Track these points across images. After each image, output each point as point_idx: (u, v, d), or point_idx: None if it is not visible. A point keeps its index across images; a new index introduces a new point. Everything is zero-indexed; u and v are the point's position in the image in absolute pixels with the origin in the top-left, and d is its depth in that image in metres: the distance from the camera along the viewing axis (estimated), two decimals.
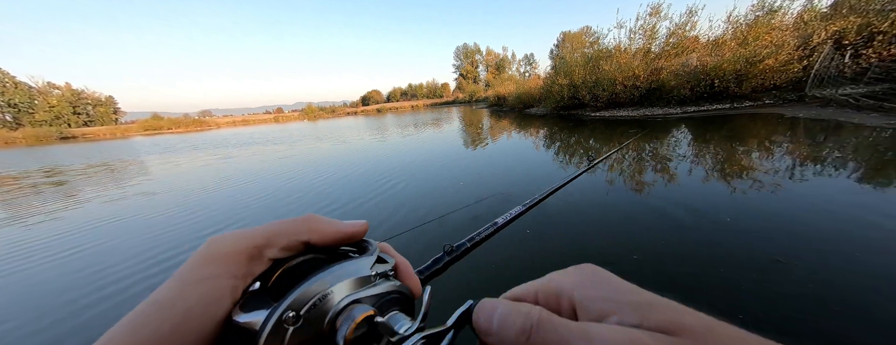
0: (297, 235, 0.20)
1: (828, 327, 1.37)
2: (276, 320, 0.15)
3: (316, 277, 0.17)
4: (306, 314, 0.16)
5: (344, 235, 0.21)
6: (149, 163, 10.02)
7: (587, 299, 0.16)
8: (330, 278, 0.17)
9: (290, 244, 0.19)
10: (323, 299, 0.17)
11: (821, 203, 2.53)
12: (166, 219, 3.83)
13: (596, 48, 14.06)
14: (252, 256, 0.18)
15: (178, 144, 18.08)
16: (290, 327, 0.16)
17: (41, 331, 1.88)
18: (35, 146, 29.31)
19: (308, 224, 0.20)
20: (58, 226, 3.94)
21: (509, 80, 32.99)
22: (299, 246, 0.20)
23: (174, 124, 56.24)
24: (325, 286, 0.17)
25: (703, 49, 11.48)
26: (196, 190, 5.28)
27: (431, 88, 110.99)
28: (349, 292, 0.18)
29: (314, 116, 69.06)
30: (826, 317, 1.42)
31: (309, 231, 0.20)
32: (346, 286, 0.18)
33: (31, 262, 2.88)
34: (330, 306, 0.17)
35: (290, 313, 0.16)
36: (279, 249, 0.19)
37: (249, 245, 0.18)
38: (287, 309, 0.16)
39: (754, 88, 9.72)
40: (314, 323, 0.16)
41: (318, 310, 0.17)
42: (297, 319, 0.16)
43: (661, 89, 11.45)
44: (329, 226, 0.20)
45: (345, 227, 0.21)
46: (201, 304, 0.16)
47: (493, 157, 5.97)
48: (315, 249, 0.20)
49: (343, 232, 0.21)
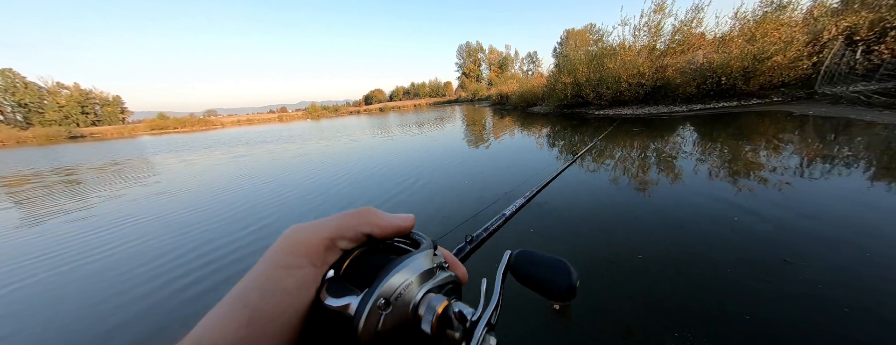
0: (361, 228, 0.21)
1: (838, 327, 1.34)
2: (371, 306, 0.17)
3: (396, 269, 0.19)
4: (394, 302, 0.18)
5: (398, 228, 0.23)
6: (167, 162, 10.08)
7: None
8: (407, 269, 0.19)
9: (356, 236, 0.21)
10: (406, 289, 0.19)
11: (830, 202, 2.48)
12: (200, 216, 3.87)
13: (600, 46, 13.92)
14: (327, 247, 0.20)
15: (190, 143, 18.19)
16: (383, 312, 0.17)
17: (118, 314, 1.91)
18: (46, 145, 29.79)
19: (369, 217, 0.22)
20: (99, 221, 4.01)
21: (512, 79, 32.80)
22: (363, 238, 0.22)
23: (180, 124, 56.85)
24: (407, 277, 0.19)
25: (709, 46, 11.30)
26: (223, 188, 5.31)
27: (434, 86, 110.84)
28: (423, 282, 0.20)
29: (318, 115, 69.37)
30: (836, 318, 1.39)
31: (371, 224, 0.22)
32: (420, 278, 0.20)
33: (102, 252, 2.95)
34: (411, 295, 0.19)
35: (382, 301, 0.17)
36: (348, 240, 0.21)
37: (325, 236, 0.20)
38: (379, 296, 0.17)
39: (762, 86, 9.55)
40: (401, 309, 0.18)
41: (403, 299, 0.19)
42: (388, 305, 0.18)
43: (666, 87, 11.30)
44: (386, 219, 0.23)
45: (399, 220, 0.23)
46: (295, 288, 0.18)
47: (497, 155, 5.95)
48: (373, 241, 0.23)
49: (398, 225, 0.23)
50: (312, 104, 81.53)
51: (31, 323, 1.96)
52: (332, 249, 0.20)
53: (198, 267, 2.49)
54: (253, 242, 2.92)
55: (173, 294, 2.14)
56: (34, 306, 2.14)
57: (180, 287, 2.22)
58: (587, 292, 1.72)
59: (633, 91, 11.68)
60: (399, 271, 0.19)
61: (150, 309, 1.99)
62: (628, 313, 1.55)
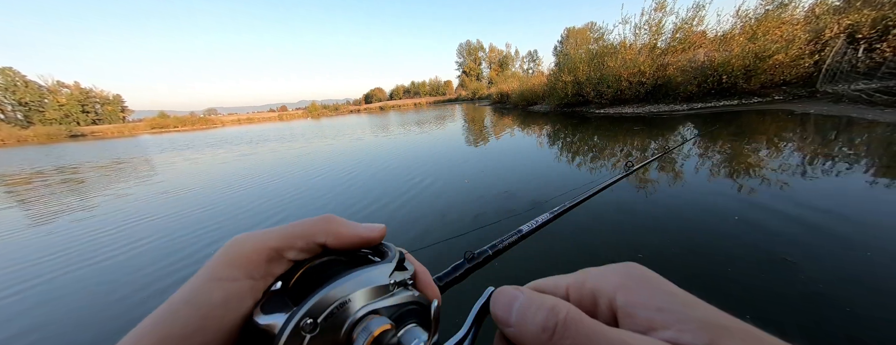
0: (314, 237, 0.19)
1: (839, 327, 1.34)
2: (293, 327, 0.15)
3: (335, 283, 0.17)
4: (324, 322, 0.16)
5: (361, 240, 0.21)
6: (172, 160, 10.07)
7: (634, 305, 0.14)
8: (349, 284, 0.17)
9: (307, 246, 0.19)
10: (341, 308, 0.16)
11: (832, 202, 2.48)
12: (209, 214, 3.87)
13: (601, 44, 13.89)
14: (271, 258, 0.18)
15: (193, 141, 18.18)
16: (307, 334, 0.15)
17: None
18: (47, 144, 29.84)
19: (327, 225, 0.20)
20: (113, 219, 4.02)
21: (513, 78, 32.73)
22: (317, 248, 0.20)
23: (180, 123, 56.89)
24: (345, 293, 0.17)
25: (710, 44, 11.27)
26: (231, 186, 5.29)
27: (434, 85, 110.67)
28: (367, 301, 0.18)
29: (318, 114, 69.36)
30: (836, 317, 1.39)
31: (326, 233, 0.20)
32: (365, 295, 0.18)
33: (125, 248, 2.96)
34: (348, 314, 0.17)
35: (308, 320, 0.15)
36: (297, 251, 0.19)
37: (268, 247, 0.18)
38: (305, 316, 0.15)
39: (763, 84, 9.52)
40: (332, 331, 0.16)
41: (336, 318, 0.16)
42: (315, 327, 0.15)
43: (667, 86, 11.27)
44: (347, 229, 0.20)
45: (362, 231, 0.21)
46: (224, 303, 0.16)
47: (500, 155, 5.95)
48: (336, 252, 0.20)
49: (360, 236, 0.21)
50: (313, 103, 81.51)
51: (62, 315, 1.98)
52: (277, 260, 0.18)
53: (197, 262, 2.50)
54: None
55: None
56: (65, 300, 2.15)
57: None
58: None
59: (633, 90, 11.65)
60: (336, 285, 0.17)
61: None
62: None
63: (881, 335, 1.29)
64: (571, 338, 0.13)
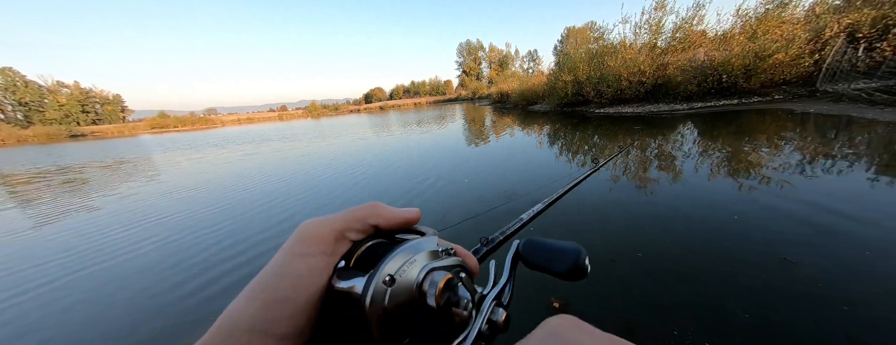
0: (368, 219, 0.23)
1: (837, 327, 1.34)
2: (376, 282, 0.18)
3: (398, 250, 0.21)
4: (399, 278, 0.19)
5: (405, 220, 0.25)
6: (176, 160, 10.05)
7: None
8: (411, 250, 0.21)
9: (364, 227, 0.23)
10: (410, 266, 0.20)
11: (831, 201, 2.48)
12: (221, 213, 3.87)
13: (601, 44, 13.88)
14: (337, 239, 0.22)
15: (195, 141, 18.12)
16: (388, 288, 0.18)
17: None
18: (47, 144, 29.81)
19: (376, 210, 0.24)
20: (122, 219, 4.03)
21: (513, 77, 32.70)
22: (371, 229, 0.23)
23: (181, 122, 56.87)
24: (409, 256, 0.21)
25: (710, 44, 11.25)
26: (239, 186, 5.28)
27: (434, 85, 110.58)
28: (427, 261, 0.21)
29: (318, 113, 69.32)
30: (835, 317, 1.39)
31: (377, 216, 0.24)
32: (424, 257, 0.21)
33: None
34: (415, 272, 0.20)
35: (387, 277, 0.19)
36: (356, 231, 0.23)
37: (335, 229, 0.22)
38: (384, 274, 0.19)
39: (763, 83, 9.52)
40: (406, 285, 0.20)
41: (407, 275, 0.20)
42: (393, 281, 0.19)
43: (667, 85, 11.27)
44: (393, 212, 0.24)
45: (405, 213, 0.25)
46: (306, 273, 0.19)
47: (503, 154, 5.96)
48: (381, 233, 0.24)
49: (404, 217, 0.25)
50: (313, 103, 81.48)
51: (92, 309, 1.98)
52: (341, 240, 0.22)
53: (226, 259, 2.51)
54: (275, 236, 2.96)
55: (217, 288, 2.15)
56: (88, 296, 2.16)
57: (214, 277, 2.23)
58: (587, 290, 1.72)
59: (633, 89, 11.65)
60: (401, 251, 0.20)
61: (197, 300, 2.01)
62: (629, 311, 1.55)
63: (880, 335, 1.29)
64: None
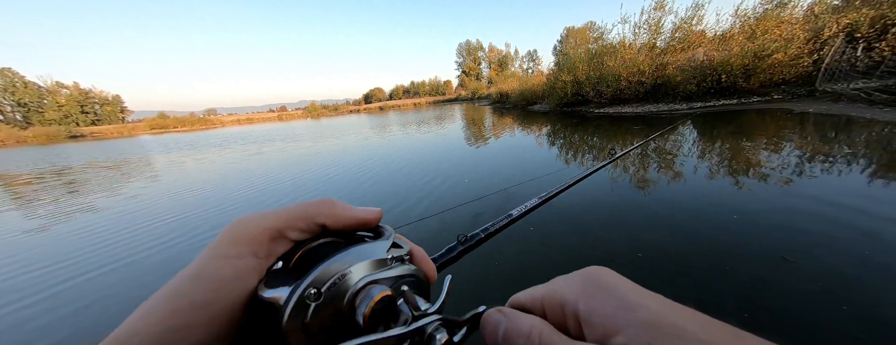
0: (314, 218, 0.20)
1: (836, 326, 1.35)
2: (299, 296, 0.16)
3: (335, 257, 0.18)
4: (327, 291, 0.17)
5: (359, 221, 0.21)
6: (181, 160, 9.95)
7: (592, 313, 0.15)
8: (349, 258, 0.18)
9: (307, 227, 0.20)
10: (342, 278, 0.17)
11: (830, 201, 2.48)
12: (227, 213, 3.87)
13: (600, 44, 13.90)
14: (273, 238, 0.19)
15: (196, 141, 18.06)
16: (312, 303, 0.16)
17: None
18: (47, 145, 29.78)
19: (326, 207, 0.21)
20: (134, 219, 4.02)
21: (512, 77, 32.74)
22: (316, 229, 0.20)
23: (180, 123, 56.89)
24: (345, 266, 0.18)
25: (709, 43, 11.28)
26: (248, 186, 5.26)
27: (434, 85, 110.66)
28: (367, 272, 0.19)
29: (318, 114, 69.36)
30: (834, 317, 1.40)
31: (326, 215, 0.20)
32: (365, 267, 0.19)
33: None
34: (349, 285, 0.18)
35: (312, 290, 0.16)
36: (299, 231, 0.20)
37: (271, 227, 0.19)
38: (309, 286, 0.16)
39: (763, 83, 9.54)
40: (334, 300, 0.17)
41: (338, 288, 0.17)
42: (319, 295, 0.17)
43: (666, 85, 11.29)
44: (345, 211, 0.21)
45: (360, 213, 0.22)
46: (231, 279, 0.17)
47: (501, 153, 5.96)
48: (333, 232, 0.21)
49: (358, 218, 0.21)
50: (312, 103, 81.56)
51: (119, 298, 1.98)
52: (279, 239, 0.19)
53: None
54: None
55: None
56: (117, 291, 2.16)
57: None
58: None
59: (633, 89, 11.67)
60: (338, 259, 0.18)
61: None
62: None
63: (878, 333, 1.29)
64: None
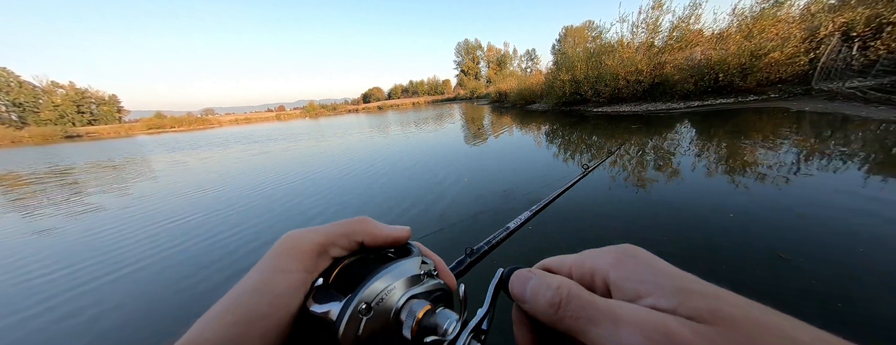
0: (354, 236, 0.22)
1: (830, 323, 1.37)
2: (352, 311, 0.17)
3: (379, 275, 0.19)
4: (375, 306, 0.18)
5: (392, 239, 0.23)
6: (184, 160, 9.87)
7: (623, 279, 0.16)
8: (391, 275, 0.20)
9: (348, 244, 0.22)
10: (388, 295, 0.19)
11: (826, 199, 2.51)
12: (249, 211, 3.85)
13: (598, 43, 13.92)
14: (319, 254, 0.21)
15: (196, 141, 17.92)
16: (364, 317, 0.18)
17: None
18: (42, 145, 29.53)
19: (364, 226, 0.23)
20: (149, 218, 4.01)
21: (511, 76, 32.74)
22: (355, 246, 0.22)
23: (177, 123, 56.54)
24: (389, 283, 0.19)
25: (707, 43, 11.33)
26: (256, 185, 5.24)
27: (433, 84, 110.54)
28: (406, 288, 0.20)
29: (316, 113, 69.15)
30: (829, 313, 1.42)
31: (364, 233, 0.23)
32: (404, 284, 0.20)
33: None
34: (393, 301, 0.19)
35: (363, 305, 0.18)
36: (340, 248, 0.22)
37: (318, 243, 0.21)
38: (360, 301, 0.18)
39: (759, 82, 9.60)
40: (382, 315, 0.19)
41: (385, 304, 0.19)
42: (369, 310, 0.18)
43: (664, 84, 11.33)
44: (380, 230, 0.23)
45: (393, 231, 0.24)
46: (285, 291, 0.18)
47: (501, 153, 5.98)
48: (364, 249, 0.23)
49: (392, 236, 0.23)
50: (311, 103, 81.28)
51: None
52: (323, 255, 0.21)
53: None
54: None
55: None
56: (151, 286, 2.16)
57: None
58: None
59: (631, 88, 11.71)
60: (382, 276, 0.19)
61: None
62: None
63: (875, 331, 1.30)
64: (573, 310, 0.15)
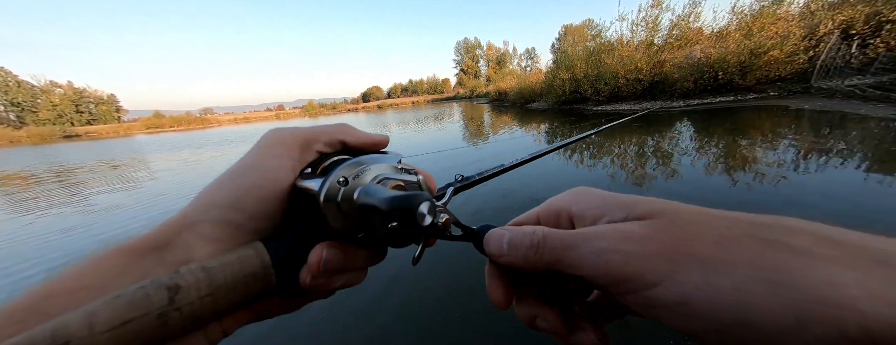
0: (336, 135, 0.25)
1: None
2: (331, 181, 0.20)
3: (358, 158, 0.23)
4: (352, 179, 0.21)
5: (372, 142, 0.26)
6: (196, 159, 9.82)
7: (582, 210, 0.20)
8: (366, 160, 0.23)
9: (331, 141, 0.25)
10: (363, 173, 0.22)
11: (824, 196, 2.52)
12: None
13: (598, 41, 13.92)
14: (303, 147, 0.24)
15: (198, 140, 17.78)
16: (342, 187, 0.21)
17: None
18: (40, 145, 29.44)
19: (346, 129, 0.26)
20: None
21: (510, 75, 32.73)
22: (338, 146, 0.25)
23: (176, 122, 56.41)
24: (366, 165, 0.22)
25: (707, 41, 11.33)
26: None
27: (432, 83, 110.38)
28: (382, 171, 0.23)
29: (315, 112, 69.05)
30: None
31: (346, 134, 0.26)
32: (380, 168, 0.23)
33: None
34: (368, 178, 0.22)
35: (342, 178, 0.21)
36: (323, 143, 0.25)
37: (301, 137, 0.24)
38: (339, 175, 0.21)
39: (759, 80, 9.60)
40: (357, 187, 0.21)
41: (361, 179, 0.22)
42: (346, 182, 0.21)
43: (664, 82, 11.34)
44: (362, 133, 0.26)
45: (374, 136, 0.27)
46: (276, 169, 0.22)
47: (501, 152, 5.98)
48: (350, 152, 0.26)
49: (372, 139, 0.27)
50: (310, 102, 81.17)
51: None
52: (307, 149, 0.24)
53: None
54: None
55: None
56: None
57: None
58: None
59: (630, 87, 11.71)
60: (358, 160, 0.23)
61: None
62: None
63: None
64: (550, 244, 0.18)
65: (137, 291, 0.15)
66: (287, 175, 0.22)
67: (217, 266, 0.17)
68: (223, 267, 0.17)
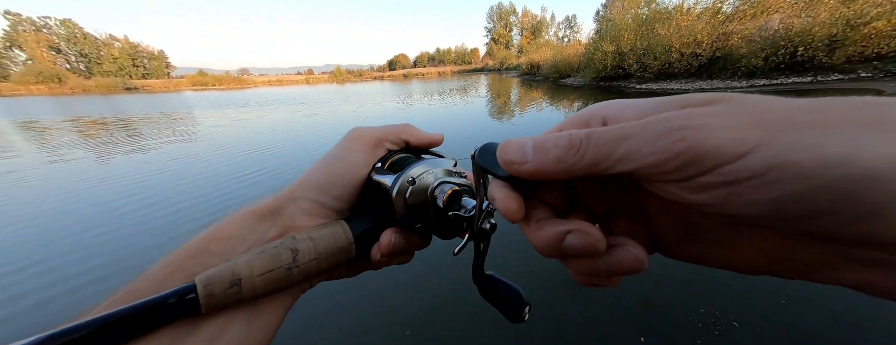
0: (402, 135, 0.31)
1: (828, 331, 1.26)
2: (403, 180, 0.25)
3: (422, 162, 0.28)
4: (418, 181, 0.26)
5: (429, 140, 0.32)
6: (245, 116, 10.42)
7: (621, 111, 0.17)
8: (430, 164, 0.28)
9: (397, 140, 0.30)
10: (427, 176, 0.27)
11: None
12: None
13: (652, 8, 12.18)
14: (376, 144, 0.29)
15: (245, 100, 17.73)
16: (410, 186, 0.26)
17: None
18: (107, 95, 31.74)
19: (409, 129, 0.31)
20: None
21: (546, 46, 30.17)
22: (402, 143, 0.31)
23: (218, 81, 59.42)
24: (429, 168, 0.27)
25: (790, 9, 9.47)
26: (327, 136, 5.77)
27: (460, 53, 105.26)
28: (441, 176, 0.28)
29: (343, 79, 69.44)
30: (829, 316, 1.31)
31: (410, 134, 0.31)
32: (440, 172, 0.28)
33: None
34: (430, 179, 0.27)
35: (410, 178, 0.26)
36: (391, 142, 0.30)
37: (376, 136, 0.29)
38: (408, 176, 0.26)
39: (849, 58, 8.01)
40: (422, 188, 0.26)
41: (425, 180, 0.27)
42: (414, 182, 0.26)
43: (726, 58, 9.86)
44: (422, 133, 0.32)
45: (431, 134, 0.32)
46: (356, 163, 0.28)
47: (529, 131, 5.69)
48: (410, 149, 0.31)
49: (430, 138, 0.32)
50: (338, 68, 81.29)
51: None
52: (379, 146, 0.29)
53: None
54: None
55: None
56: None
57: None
58: (582, 297, 1.63)
59: (685, 62, 10.35)
60: (423, 163, 0.27)
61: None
62: (625, 311, 1.50)
63: (873, 334, 1.22)
64: (596, 142, 0.15)
65: (273, 249, 0.22)
66: (363, 168, 0.28)
67: (319, 237, 0.24)
68: (323, 238, 0.24)
